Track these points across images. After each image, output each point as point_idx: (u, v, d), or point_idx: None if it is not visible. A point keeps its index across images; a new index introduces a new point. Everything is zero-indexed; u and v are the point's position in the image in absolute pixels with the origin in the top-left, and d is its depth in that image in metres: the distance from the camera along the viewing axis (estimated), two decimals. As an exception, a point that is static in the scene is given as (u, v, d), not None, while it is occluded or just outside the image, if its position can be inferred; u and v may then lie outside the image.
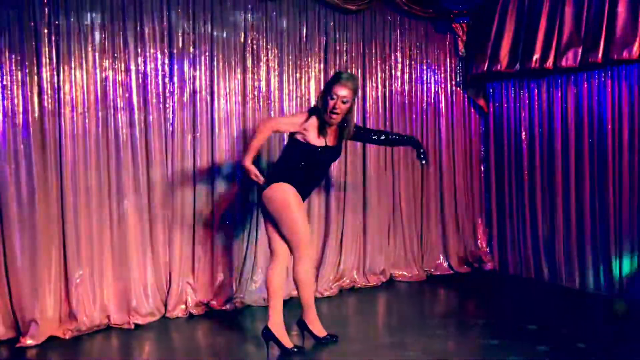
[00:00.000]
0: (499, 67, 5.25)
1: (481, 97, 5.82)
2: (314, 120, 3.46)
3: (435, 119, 5.73)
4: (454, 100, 5.83)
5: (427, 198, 5.69)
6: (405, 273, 5.48)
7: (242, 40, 4.64)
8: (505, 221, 5.70)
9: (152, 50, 4.28)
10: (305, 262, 3.51)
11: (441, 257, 5.77)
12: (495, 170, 5.81)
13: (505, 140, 5.66)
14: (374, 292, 5.10)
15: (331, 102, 3.40)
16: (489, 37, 5.31)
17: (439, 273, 5.66)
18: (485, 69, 5.35)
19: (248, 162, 3.40)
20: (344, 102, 3.41)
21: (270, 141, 4.70)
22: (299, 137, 3.49)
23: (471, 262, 5.85)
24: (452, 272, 5.71)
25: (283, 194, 3.44)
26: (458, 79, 5.84)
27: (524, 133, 5.48)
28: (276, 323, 3.53)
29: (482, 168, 5.99)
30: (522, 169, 5.49)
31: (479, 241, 5.95)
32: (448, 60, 5.79)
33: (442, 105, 5.77)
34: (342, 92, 3.41)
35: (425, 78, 5.66)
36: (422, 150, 3.78)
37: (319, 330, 3.69)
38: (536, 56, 4.95)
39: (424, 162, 3.77)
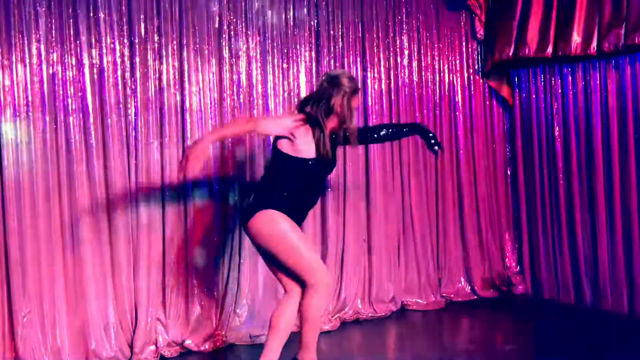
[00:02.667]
0: (526, 52, 5.27)
1: (505, 87, 5.83)
2: (306, 127, 3.42)
3: (450, 114, 5.74)
4: (472, 91, 5.84)
5: (443, 209, 5.68)
6: (419, 300, 5.47)
7: (216, 25, 4.63)
8: (538, 235, 5.69)
9: (109, 40, 4.28)
10: (319, 294, 3.45)
11: (462, 280, 5.76)
12: (524, 174, 5.82)
13: (535, 137, 5.67)
14: (383, 324, 5.08)
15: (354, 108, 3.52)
16: (514, 16, 5.33)
17: (460, 299, 5.65)
18: (510, 53, 5.36)
19: (206, 141, 3.34)
20: None
21: (255, 150, 4.70)
22: (283, 147, 3.44)
23: (498, 285, 5.84)
24: (475, 297, 5.71)
25: (271, 224, 3.39)
26: (476, 66, 5.86)
27: (557, 128, 5.49)
28: None
29: (509, 172, 6.00)
30: (557, 171, 5.49)
31: (507, 260, 5.94)
32: (464, 43, 5.81)
33: (459, 97, 5.78)
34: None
35: (437, 66, 5.67)
36: (431, 135, 3.78)
37: None
38: (577, 40, 4.96)
39: (436, 149, 3.74)
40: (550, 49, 5.14)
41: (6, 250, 3.97)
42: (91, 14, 4.21)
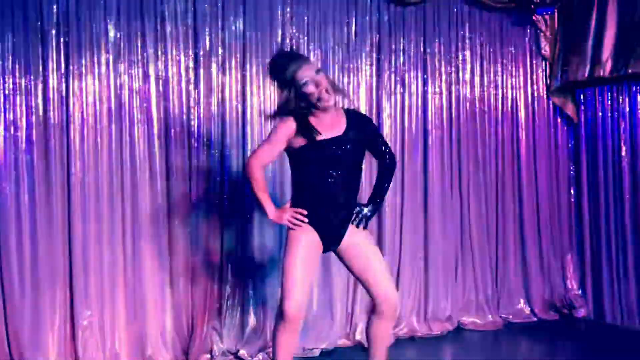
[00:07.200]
0: (601, 72, 5.19)
1: (570, 105, 5.75)
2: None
3: (512, 131, 5.68)
4: (536, 108, 5.77)
5: (503, 227, 5.62)
6: (476, 320, 5.41)
7: (278, 39, 4.72)
8: (601, 257, 5.57)
9: (174, 52, 4.42)
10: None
11: (522, 301, 5.67)
12: (589, 195, 5.71)
13: (601, 157, 5.56)
14: (438, 344, 5.03)
15: (311, 88, 3.15)
16: (587, 36, 5.25)
17: (518, 320, 5.57)
18: (586, 74, 5.28)
19: (272, 212, 3.20)
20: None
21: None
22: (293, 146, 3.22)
23: (559, 308, 5.74)
24: (535, 319, 5.61)
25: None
26: (541, 83, 5.79)
27: (624, 148, 5.38)
28: None
29: (572, 191, 5.90)
30: (623, 192, 5.37)
31: (568, 281, 5.84)
32: (528, 59, 5.75)
33: (521, 114, 5.72)
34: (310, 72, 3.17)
35: (500, 82, 5.63)
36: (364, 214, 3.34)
37: None
38: None
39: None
40: (627, 70, 5.04)
41: (70, 255, 4.14)
42: (158, 27, 4.36)
